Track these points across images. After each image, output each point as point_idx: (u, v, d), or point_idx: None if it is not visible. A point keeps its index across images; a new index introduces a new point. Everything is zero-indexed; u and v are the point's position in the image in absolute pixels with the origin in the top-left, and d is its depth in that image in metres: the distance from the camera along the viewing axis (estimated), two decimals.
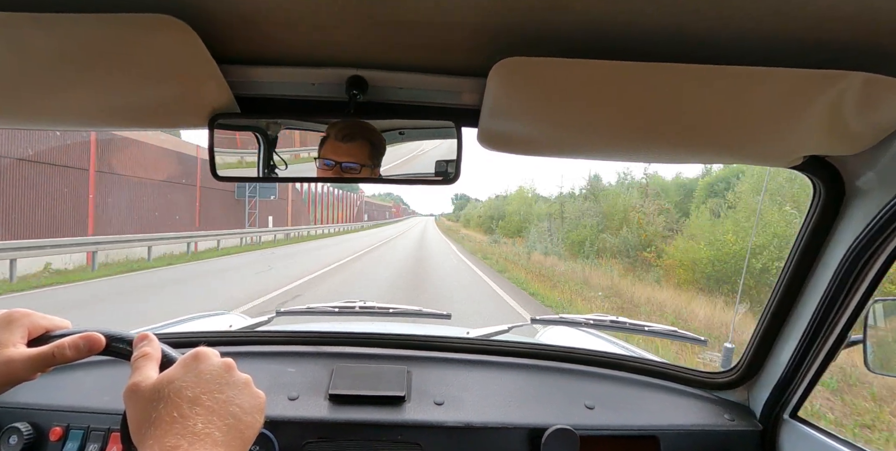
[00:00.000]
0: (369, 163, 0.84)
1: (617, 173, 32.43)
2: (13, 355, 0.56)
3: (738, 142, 0.79)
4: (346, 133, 0.82)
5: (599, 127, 0.78)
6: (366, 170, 0.84)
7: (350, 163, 0.83)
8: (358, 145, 0.83)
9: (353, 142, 0.83)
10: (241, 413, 0.51)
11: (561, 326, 1.79)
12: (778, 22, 0.60)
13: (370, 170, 0.84)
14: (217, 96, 0.78)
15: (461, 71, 0.79)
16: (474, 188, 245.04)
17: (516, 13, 0.61)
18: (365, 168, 0.84)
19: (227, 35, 0.69)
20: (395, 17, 0.63)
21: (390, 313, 1.58)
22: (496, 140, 0.85)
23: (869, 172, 0.84)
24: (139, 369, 0.54)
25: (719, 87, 0.68)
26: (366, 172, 0.84)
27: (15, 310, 0.60)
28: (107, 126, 0.88)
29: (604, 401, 1.14)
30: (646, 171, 18.32)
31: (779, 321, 1.06)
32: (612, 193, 19.45)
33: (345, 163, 0.83)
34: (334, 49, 0.74)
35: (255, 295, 7.91)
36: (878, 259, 0.85)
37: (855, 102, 0.68)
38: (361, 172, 0.83)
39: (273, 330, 1.40)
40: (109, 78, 0.71)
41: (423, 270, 13.01)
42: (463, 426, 1.05)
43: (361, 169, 0.83)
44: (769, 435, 1.11)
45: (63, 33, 0.62)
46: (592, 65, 0.66)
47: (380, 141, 0.83)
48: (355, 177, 0.84)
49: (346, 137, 0.82)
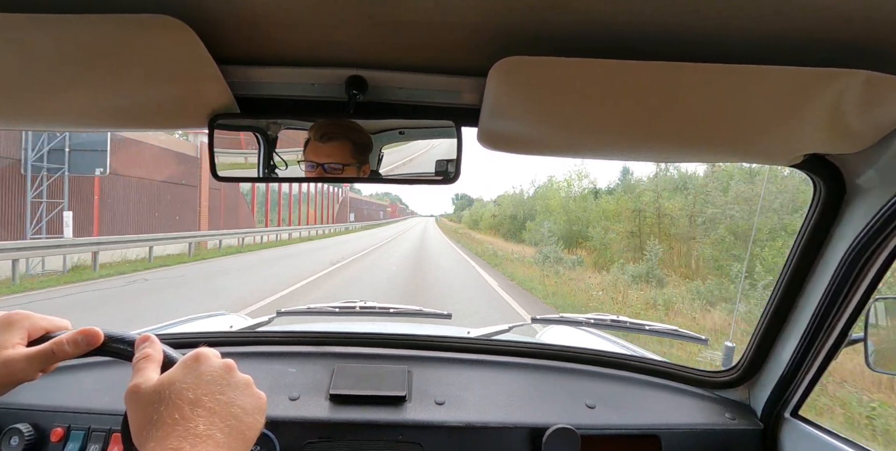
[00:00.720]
0: (352, 162, 0.83)
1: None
2: (12, 356, 0.56)
3: (738, 140, 0.79)
4: (324, 133, 0.82)
5: (599, 126, 0.78)
6: (350, 169, 0.83)
7: (332, 163, 0.83)
8: (338, 145, 0.82)
9: (333, 142, 0.82)
10: (242, 414, 0.51)
11: (561, 325, 1.79)
12: (778, 20, 0.60)
13: (356, 169, 0.84)
14: (217, 97, 0.78)
15: (461, 70, 0.79)
16: (475, 188, 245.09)
17: (516, 12, 0.61)
18: (349, 167, 0.83)
19: (227, 35, 0.69)
20: (395, 17, 0.63)
21: (391, 313, 1.58)
22: (496, 140, 0.85)
23: (869, 170, 0.84)
24: (140, 370, 0.54)
25: (720, 85, 0.68)
26: (351, 171, 0.83)
27: (14, 312, 0.60)
28: (107, 127, 0.88)
29: (605, 400, 1.14)
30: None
31: (780, 320, 1.06)
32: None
33: (326, 164, 0.83)
34: (334, 49, 0.74)
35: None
36: (878, 257, 0.85)
37: (856, 100, 0.68)
38: (345, 171, 0.83)
39: (274, 330, 1.40)
40: (109, 79, 0.71)
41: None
42: (464, 425, 1.04)
43: (344, 168, 0.83)
44: (770, 434, 1.11)
45: (62, 34, 0.62)
46: (592, 64, 0.66)
47: (363, 139, 0.83)
48: (339, 176, 0.84)
49: (324, 137, 0.82)
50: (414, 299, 8.29)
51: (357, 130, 0.82)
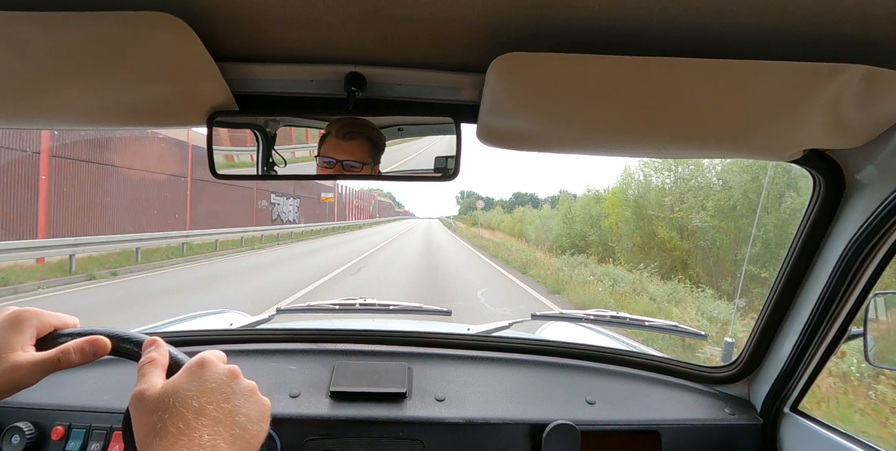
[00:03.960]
0: (370, 161, 0.84)
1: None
2: (20, 361, 0.55)
3: (737, 136, 0.79)
4: (348, 131, 0.82)
5: (599, 122, 0.78)
6: (367, 168, 0.84)
7: (351, 161, 0.83)
8: (359, 143, 0.83)
9: (354, 140, 0.83)
10: (247, 423, 0.51)
11: (561, 322, 1.79)
12: (777, 15, 0.60)
13: (371, 168, 0.84)
14: (215, 94, 0.78)
15: (460, 67, 0.78)
16: (479, 186, 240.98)
17: (515, 8, 0.60)
18: (366, 166, 0.84)
19: (225, 32, 0.69)
20: (393, 13, 0.63)
21: (390, 310, 1.58)
22: (495, 136, 0.85)
23: (869, 165, 0.84)
24: (145, 376, 0.53)
25: (719, 81, 0.68)
26: (366, 169, 0.84)
27: (24, 309, 0.59)
28: (104, 125, 0.87)
29: (605, 396, 1.15)
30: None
31: (779, 315, 1.07)
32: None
33: (346, 161, 0.83)
34: (332, 45, 0.74)
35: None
36: (878, 253, 0.85)
37: (855, 95, 0.68)
38: (363, 169, 0.84)
39: (274, 328, 1.40)
40: (107, 77, 0.71)
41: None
42: (464, 422, 1.05)
43: (363, 167, 0.84)
44: (770, 429, 1.11)
45: (60, 32, 0.62)
46: (591, 60, 0.66)
47: (379, 139, 0.84)
48: (356, 174, 0.84)
49: (348, 136, 0.82)
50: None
51: (375, 130, 0.83)
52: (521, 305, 8.07)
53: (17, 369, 0.55)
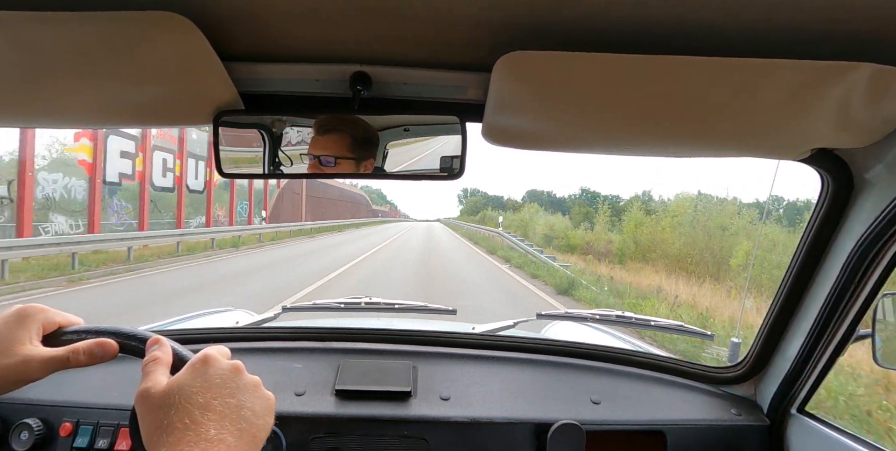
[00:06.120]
0: (349, 155, 0.82)
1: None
2: (32, 354, 0.56)
3: (745, 135, 0.78)
4: (322, 125, 0.81)
5: (605, 121, 0.78)
6: (347, 163, 0.82)
7: (325, 156, 0.82)
8: (334, 138, 0.82)
9: (329, 135, 0.81)
10: (252, 417, 0.51)
11: (567, 321, 1.79)
12: (785, 13, 0.59)
13: (355, 164, 0.83)
14: (222, 93, 0.78)
15: (465, 66, 0.78)
16: (487, 184, 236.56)
17: (521, 7, 0.60)
18: (344, 160, 0.82)
19: (231, 32, 0.69)
20: (399, 12, 0.63)
21: (396, 309, 1.58)
22: (501, 135, 0.84)
23: (878, 164, 0.83)
24: (149, 374, 0.54)
25: (727, 79, 0.67)
26: (348, 165, 0.82)
27: (30, 305, 0.60)
28: (111, 124, 0.88)
29: (610, 396, 1.14)
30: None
31: (786, 315, 1.06)
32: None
33: (321, 156, 0.82)
34: (338, 45, 0.74)
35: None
36: (886, 253, 0.84)
37: (864, 93, 0.67)
38: (339, 164, 0.82)
39: (279, 326, 1.41)
40: (113, 76, 0.71)
41: None
42: (469, 421, 1.05)
43: (336, 161, 0.82)
44: (776, 430, 1.11)
45: (66, 31, 0.62)
46: (598, 58, 0.66)
47: (364, 133, 0.82)
48: (346, 172, 0.83)
49: (322, 130, 0.81)
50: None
51: (359, 126, 0.82)
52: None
53: (29, 363, 0.56)
